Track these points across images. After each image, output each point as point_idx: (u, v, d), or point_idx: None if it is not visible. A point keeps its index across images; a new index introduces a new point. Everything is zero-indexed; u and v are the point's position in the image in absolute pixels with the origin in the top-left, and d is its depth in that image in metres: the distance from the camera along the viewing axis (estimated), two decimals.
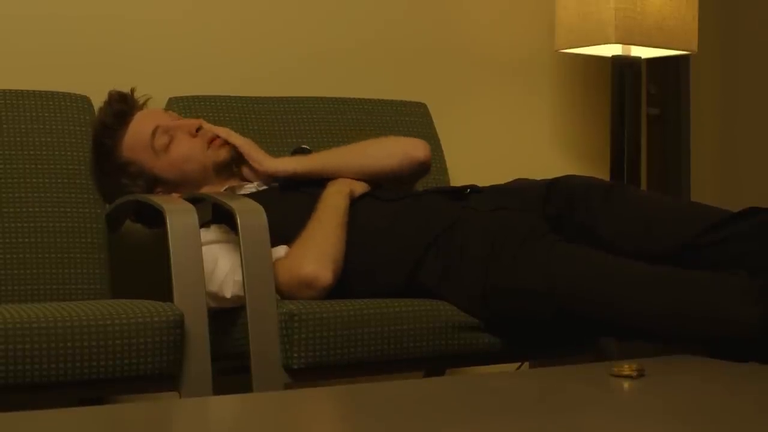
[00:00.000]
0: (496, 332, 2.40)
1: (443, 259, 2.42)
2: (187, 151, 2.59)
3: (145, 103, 2.67)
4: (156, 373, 2.11)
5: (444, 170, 3.05)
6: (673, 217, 2.42)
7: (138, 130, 2.59)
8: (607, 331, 2.38)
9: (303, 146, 2.78)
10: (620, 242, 2.36)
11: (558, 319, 2.29)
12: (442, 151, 3.08)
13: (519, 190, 2.55)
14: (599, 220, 2.42)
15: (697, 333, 2.17)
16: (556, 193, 2.50)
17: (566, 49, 3.32)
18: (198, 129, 2.61)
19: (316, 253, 2.37)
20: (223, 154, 2.62)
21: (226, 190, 2.60)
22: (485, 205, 2.50)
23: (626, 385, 1.80)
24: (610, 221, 2.42)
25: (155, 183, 2.59)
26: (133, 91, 2.65)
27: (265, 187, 2.61)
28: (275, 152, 2.83)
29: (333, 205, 2.48)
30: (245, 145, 2.63)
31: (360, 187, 2.57)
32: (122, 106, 2.61)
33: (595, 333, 2.44)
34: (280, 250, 2.38)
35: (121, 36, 2.91)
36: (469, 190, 2.61)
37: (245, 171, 2.64)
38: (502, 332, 2.41)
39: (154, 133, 2.58)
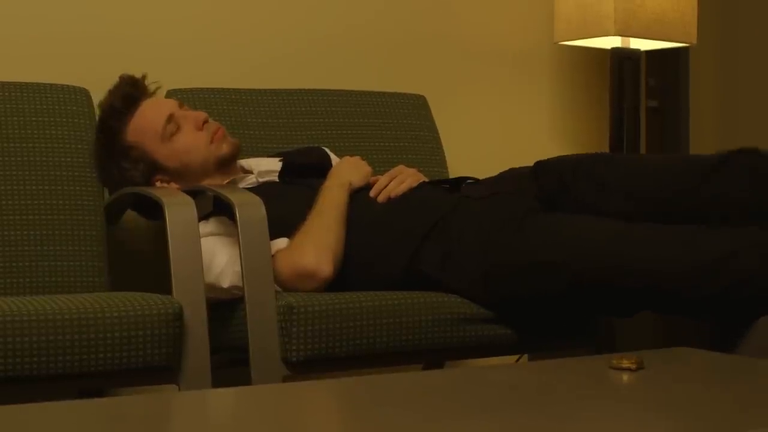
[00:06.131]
0: (496, 321, 2.40)
1: (441, 246, 2.41)
2: (192, 142, 2.59)
3: (155, 91, 2.66)
4: (155, 365, 2.11)
5: (442, 162, 3.05)
6: (663, 172, 2.41)
7: (150, 116, 2.59)
8: (616, 302, 2.31)
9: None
10: (615, 206, 2.36)
11: (566, 295, 2.28)
12: (440, 143, 3.08)
13: (510, 177, 2.55)
14: (596, 191, 2.40)
15: (712, 287, 2.16)
16: (545, 173, 2.50)
17: (565, 41, 3.32)
18: (204, 122, 2.62)
19: (317, 244, 2.37)
20: (225, 148, 2.62)
21: (228, 183, 2.60)
22: (479, 193, 2.50)
23: (625, 377, 1.80)
24: (605, 187, 2.40)
25: (155, 170, 2.58)
26: (144, 77, 2.65)
27: (265, 180, 2.62)
28: (272, 145, 2.83)
29: (332, 197, 2.48)
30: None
31: (358, 180, 2.58)
32: (132, 90, 2.61)
33: (602, 309, 2.39)
34: (281, 242, 2.38)
35: (120, 28, 2.91)
36: (468, 180, 2.61)
37: None
38: (503, 319, 2.40)
39: (169, 119, 2.58)
